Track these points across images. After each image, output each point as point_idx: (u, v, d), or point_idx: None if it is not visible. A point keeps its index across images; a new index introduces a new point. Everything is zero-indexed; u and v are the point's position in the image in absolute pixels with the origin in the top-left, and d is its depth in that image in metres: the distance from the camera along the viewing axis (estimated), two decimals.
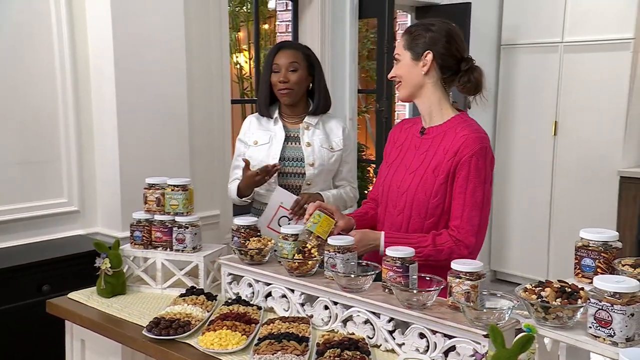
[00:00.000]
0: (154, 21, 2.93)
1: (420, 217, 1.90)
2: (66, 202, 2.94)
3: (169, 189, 2.09)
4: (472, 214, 1.83)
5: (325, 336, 1.64)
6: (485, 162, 1.84)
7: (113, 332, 1.81)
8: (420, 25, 1.94)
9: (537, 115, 4.72)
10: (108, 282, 2.03)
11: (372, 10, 4.03)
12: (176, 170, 2.90)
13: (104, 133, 2.94)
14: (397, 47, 1.95)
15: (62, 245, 2.82)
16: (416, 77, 1.92)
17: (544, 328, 1.26)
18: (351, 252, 1.76)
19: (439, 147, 1.90)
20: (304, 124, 2.46)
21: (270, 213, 2.32)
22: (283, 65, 2.39)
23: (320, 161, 2.42)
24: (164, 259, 2.08)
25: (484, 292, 1.50)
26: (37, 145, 2.86)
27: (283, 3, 4.35)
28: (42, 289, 2.53)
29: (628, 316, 1.14)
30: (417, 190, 1.90)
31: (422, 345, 1.53)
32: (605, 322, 1.16)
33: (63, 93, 2.89)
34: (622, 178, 4.33)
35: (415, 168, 1.94)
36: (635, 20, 4.24)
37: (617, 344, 1.15)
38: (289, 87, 2.39)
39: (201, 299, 1.90)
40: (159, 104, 2.98)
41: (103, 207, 3.01)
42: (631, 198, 4.28)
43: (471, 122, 1.92)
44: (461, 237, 1.84)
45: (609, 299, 1.16)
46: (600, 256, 1.35)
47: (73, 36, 2.89)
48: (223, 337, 1.63)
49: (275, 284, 1.86)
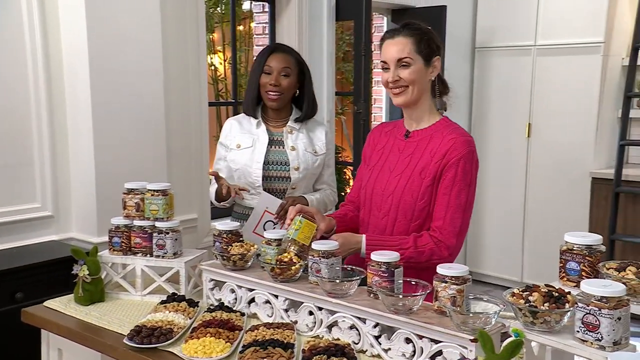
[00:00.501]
0: (130, 20, 2.88)
1: (406, 219, 1.90)
2: (40, 207, 2.87)
3: (149, 194, 2.05)
4: (455, 215, 1.85)
5: (310, 342, 1.62)
6: (471, 166, 1.86)
7: (92, 340, 1.77)
8: (417, 27, 1.92)
9: (511, 118, 4.78)
10: (86, 289, 1.98)
11: (349, 13, 4.03)
12: (153, 174, 2.86)
13: (78, 135, 2.88)
14: (404, 50, 1.88)
15: (35, 251, 2.75)
16: (425, 83, 1.93)
17: (532, 332, 1.27)
18: (335, 257, 1.75)
19: (425, 149, 1.91)
20: (288, 128, 2.45)
21: (256, 218, 2.30)
22: (275, 69, 2.36)
23: (305, 165, 2.41)
24: (144, 265, 2.04)
25: (469, 296, 1.50)
26: (9, 148, 2.78)
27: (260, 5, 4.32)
28: (15, 296, 2.47)
29: (615, 320, 1.15)
30: (403, 192, 1.90)
31: (409, 350, 1.53)
32: (593, 326, 1.17)
33: (36, 94, 2.82)
34: (594, 179, 4.41)
35: (400, 171, 1.94)
36: (605, 24, 4.32)
37: (605, 348, 1.16)
38: (280, 91, 2.37)
39: (183, 305, 1.87)
40: (135, 105, 2.93)
41: (78, 212, 2.95)
42: (603, 199, 4.36)
43: (456, 126, 1.94)
44: (443, 237, 1.85)
45: (596, 303, 1.17)
46: (585, 260, 1.36)
47: (46, 35, 2.82)
48: (207, 345, 1.60)
49: (258, 290, 1.84)
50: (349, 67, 6.21)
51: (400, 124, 2.05)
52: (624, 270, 1.30)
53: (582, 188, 4.45)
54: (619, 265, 1.33)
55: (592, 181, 4.41)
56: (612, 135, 4.53)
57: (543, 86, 4.63)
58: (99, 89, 2.80)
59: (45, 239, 2.88)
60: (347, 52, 6.28)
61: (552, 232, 4.60)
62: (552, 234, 4.60)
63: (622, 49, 4.51)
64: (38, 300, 2.16)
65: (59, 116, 2.90)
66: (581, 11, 4.41)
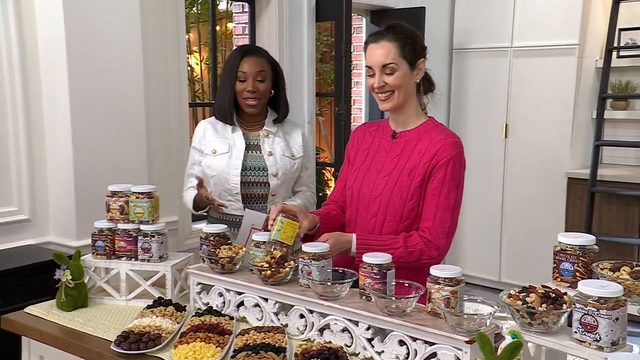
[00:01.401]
0: (109, 19, 2.83)
1: (395, 220, 1.90)
2: (16, 210, 2.80)
3: (134, 197, 2.01)
4: (445, 216, 1.85)
5: (302, 346, 1.60)
6: (460, 167, 1.87)
7: (77, 347, 1.73)
8: (401, 31, 1.89)
9: (488, 118, 4.82)
10: (69, 294, 1.93)
11: (329, 14, 4.02)
12: (134, 175, 2.81)
13: (56, 136, 2.81)
14: (388, 55, 1.85)
15: (12, 256, 2.68)
16: (411, 86, 1.92)
17: (529, 334, 1.27)
18: (326, 260, 1.74)
19: (414, 150, 1.91)
20: (264, 132, 2.37)
21: (244, 237, 2.22)
22: (250, 74, 2.28)
23: (283, 170, 2.35)
24: (129, 269, 2.00)
25: (463, 298, 1.50)
26: None
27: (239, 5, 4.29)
28: None
29: (613, 320, 1.16)
30: (392, 193, 1.90)
31: (402, 352, 1.52)
32: (591, 327, 1.17)
33: (11, 94, 2.75)
34: (570, 179, 4.47)
35: (388, 172, 1.93)
36: (580, 27, 4.39)
37: (603, 349, 1.17)
38: (258, 96, 2.30)
39: (170, 310, 1.84)
40: (115, 105, 2.88)
41: (56, 215, 2.88)
42: (578, 198, 4.42)
43: (443, 127, 1.95)
44: (432, 238, 1.85)
45: (594, 303, 1.17)
46: (579, 260, 1.36)
47: (22, 33, 2.76)
48: (197, 350, 1.57)
49: (248, 293, 1.81)
50: (327, 68, 6.20)
51: (385, 124, 2.04)
52: (618, 270, 1.31)
53: (559, 188, 4.51)
54: (613, 266, 1.34)
55: (568, 181, 4.47)
56: (587, 135, 4.61)
57: (520, 87, 4.68)
58: (78, 89, 2.74)
59: (22, 243, 2.82)
60: (324, 53, 6.27)
61: (530, 231, 4.66)
62: (529, 234, 4.66)
63: (595, 51, 4.59)
64: (16, 307, 2.11)
65: (35, 116, 2.83)
66: (556, 13, 4.47)
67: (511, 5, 4.65)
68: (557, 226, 4.49)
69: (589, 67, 4.55)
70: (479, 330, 1.39)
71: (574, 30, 4.41)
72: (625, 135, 4.58)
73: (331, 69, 6.04)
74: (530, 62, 4.63)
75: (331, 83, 6.13)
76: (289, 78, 3.88)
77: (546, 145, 4.57)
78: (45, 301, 2.04)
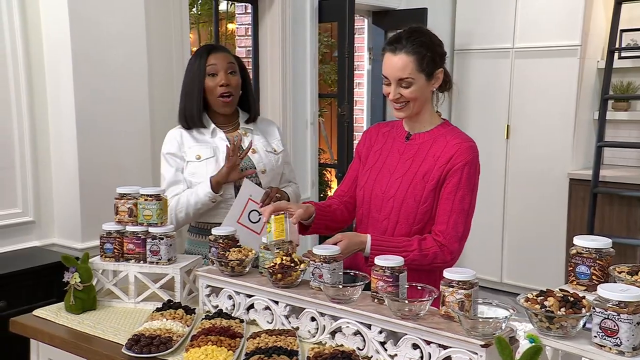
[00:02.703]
0: (114, 22, 2.81)
1: (408, 222, 1.89)
2: (21, 212, 2.78)
3: (142, 199, 1.99)
4: (458, 220, 1.84)
5: (314, 349, 1.59)
6: (475, 171, 1.86)
7: (87, 350, 1.71)
8: (423, 44, 1.84)
9: (490, 119, 4.82)
10: (78, 297, 1.91)
11: (332, 15, 4.01)
12: (138, 178, 2.79)
13: (61, 139, 2.79)
14: (405, 70, 1.82)
15: (17, 258, 2.66)
16: (426, 95, 1.91)
17: (547, 338, 1.26)
18: (337, 262, 1.73)
19: (428, 153, 1.89)
20: (242, 130, 2.30)
21: (239, 207, 2.16)
22: (221, 67, 2.17)
23: (270, 166, 2.30)
24: (137, 272, 1.98)
25: (477, 301, 1.49)
26: None
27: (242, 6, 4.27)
28: None
29: (635, 325, 1.15)
30: (405, 196, 1.88)
31: (416, 356, 1.51)
32: (611, 332, 1.16)
33: (17, 97, 2.73)
34: (572, 180, 4.47)
35: (401, 174, 1.92)
36: (582, 28, 4.39)
37: (624, 353, 1.16)
38: (231, 91, 2.19)
39: (180, 312, 1.82)
40: (119, 107, 2.86)
41: (60, 217, 2.86)
42: (580, 199, 4.42)
43: (458, 131, 1.94)
44: (446, 242, 1.84)
45: (614, 307, 1.16)
46: (596, 263, 1.35)
47: (27, 36, 2.74)
48: (210, 354, 1.56)
49: (258, 296, 1.80)
50: (327, 69, 6.18)
51: (399, 125, 2.02)
52: (636, 274, 1.30)
53: (560, 189, 4.51)
54: (630, 269, 1.33)
55: (570, 182, 4.48)
56: (589, 136, 4.61)
57: (521, 88, 4.68)
58: (83, 90, 2.72)
59: (26, 245, 2.80)
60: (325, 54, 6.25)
61: (531, 232, 4.66)
62: (531, 235, 4.66)
63: (597, 52, 4.59)
64: (21, 309, 2.10)
65: (40, 118, 2.81)
66: (558, 15, 4.47)
67: (513, 6, 4.65)
68: (559, 227, 4.49)
69: (591, 68, 4.55)
70: (494, 334, 1.38)
71: (575, 32, 4.41)
72: (626, 137, 4.59)
73: (331, 70, 6.02)
74: (532, 63, 4.63)
75: (331, 84, 6.11)
76: (292, 79, 3.87)
77: (548, 146, 4.57)
78: (50, 304, 2.02)
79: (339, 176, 4.16)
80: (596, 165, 4.24)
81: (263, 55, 3.90)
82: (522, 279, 4.66)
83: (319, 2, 4.02)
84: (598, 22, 4.53)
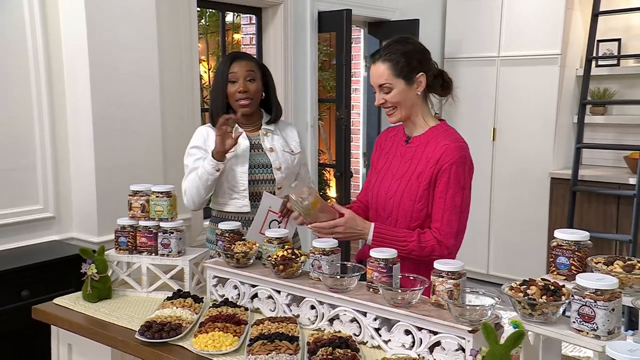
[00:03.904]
0: (128, 29, 2.81)
1: (406, 220, 1.89)
2: (42, 209, 2.78)
3: (154, 196, 1.99)
4: (452, 217, 1.83)
5: (314, 335, 1.59)
6: (464, 170, 1.84)
7: (103, 336, 1.71)
8: (397, 51, 1.85)
9: (477, 122, 4.82)
10: (94, 286, 1.92)
11: (331, 25, 4.00)
12: (150, 177, 2.78)
13: (79, 140, 2.79)
14: (382, 77, 1.85)
15: (38, 251, 2.66)
16: (411, 99, 1.89)
17: (530, 324, 1.26)
18: (335, 254, 1.73)
19: (422, 155, 1.89)
20: (263, 131, 2.33)
21: (261, 219, 2.20)
22: (241, 75, 2.22)
23: (286, 165, 2.32)
24: (149, 264, 1.99)
25: (465, 290, 1.49)
26: (12, 152, 2.69)
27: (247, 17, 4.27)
28: (21, 294, 2.38)
29: (610, 311, 1.15)
30: (402, 195, 1.89)
31: (408, 341, 1.51)
32: (588, 317, 1.17)
33: (38, 101, 2.73)
34: (553, 179, 4.47)
35: (401, 175, 1.92)
36: (562, 38, 4.39)
37: (600, 337, 1.16)
38: (249, 96, 2.24)
39: (189, 301, 1.82)
40: (133, 111, 2.85)
41: (78, 213, 2.86)
42: (561, 197, 4.42)
43: (452, 132, 1.92)
44: (442, 238, 1.83)
45: (591, 295, 1.17)
46: (574, 255, 1.36)
47: (47, 43, 2.74)
48: (216, 339, 1.56)
49: (261, 286, 1.80)
50: (326, 76, 6.18)
51: (401, 129, 2.02)
52: (611, 264, 1.31)
53: (542, 187, 4.51)
54: (606, 260, 1.33)
55: (551, 181, 4.47)
56: (569, 138, 4.61)
57: (506, 94, 4.68)
58: (99, 96, 2.72)
59: (47, 239, 2.79)
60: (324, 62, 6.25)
61: (516, 228, 4.66)
62: (515, 230, 4.66)
63: (576, 61, 4.59)
64: (43, 298, 2.10)
65: (60, 122, 2.81)
66: (540, 26, 4.47)
67: (498, 18, 4.65)
68: (541, 223, 4.49)
69: (570, 75, 4.55)
70: (480, 320, 1.38)
71: (556, 41, 4.41)
72: (603, 139, 4.59)
73: (330, 77, 6.02)
74: (516, 71, 4.63)
75: (330, 90, 6.11)
76: (293, 85, 3.87)
77: (531, 147, 4.57)
78: (69, 293, 2.02)
79: (337, 175, 4.15)
80: (575, 166, 4.24)
81: (266, 62, 3.89)
82: (507, 270, 4.66)
83: (319, 13, 4.01)
84: (577, 33, 4.53)
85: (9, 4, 2.63)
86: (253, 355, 1.47)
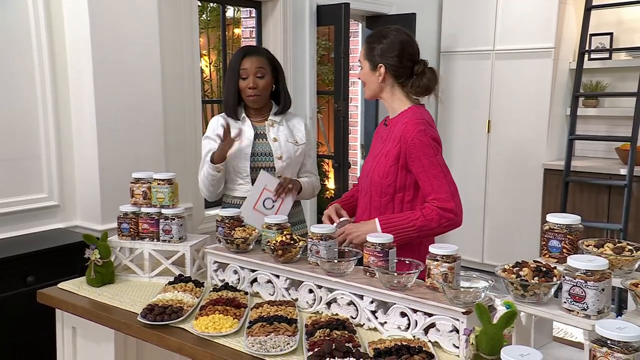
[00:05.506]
0: (131, 23, 2.80)
1: (377, 195, 1.95)
2: (46, 197, 2.78)
3: (155, 183, 1.99)
4: (440, 183, 1.86)
5: (312, 317, 1.59)
6: (427, 139, 1.86)
7: (107, 319, 1.72)
8: (375, 36, 1.97)
9: (473, 115, 4.81)
10: (98, 271, 1.92)
11: (329, 19, 3.99)
12: (152, 166, 2.78)
13: (82, 130, 2.79)
14: (360, 54, 1.99)
15: (43, 238, 2.66)
16: (374, 84, 1.98)
17: (522, 304, 1.26)
18: (332, 239, 1.73)
19: (390, 135, 1.96)
20: (269, 121, 2.38)
21: (255, 195, 2.23)
22: (251, 72, 2.28)
23: (288, 154, 2.35)
24: (151, 249, 1.98)
25: (459, 273, 1.49)
26: (17, 142, 2.68)
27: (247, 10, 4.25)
28: (26, 280, 2.38)
29: (599, 291, 1.15)
30: (374, 172, 1.96)
31: (404, 323, 1.51)
32: (579, 297, 1.17)
33: (42, 92, 2.72)
34: (546, 170, 4.46)
35: (375, 154, 2.00)
36: (555, 32, 4.37)
37: (590, 317, 1.16)
38: (258, 93, 2.30)
39: (190, 285, 1.82)
40: (135, 102, 2.85)
41: (82, 202, 2.86)
42: (554, 187, 4.42)
43: (418, 112, 1.93)
44: (441, 205, 1.85)
45: (582, 276, 1.17)
46: (566, 238, 1.36)
47: (51, 35, 2.72)
48: (217, 321, 1.56)
49: (261, 271, 1.80)
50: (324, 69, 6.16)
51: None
52: (602, 246, 1.31)
53: (536, 178, 4.51)
54: (597, 242, 1.33)
55: (544, 172, 4.47)
56: (562, 130, 4.60)
57: (501, 87, 4.67)
58: (102, 88, 2.71)
59: (51, 227, 2.79)
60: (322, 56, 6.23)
61: (510, 217, 4.66)
62: (509, 220, 4.66)
63: (569, 54, 4.58)
64: (48, 283, 2.10)
65: (64, 113, 2.80)
66: (534, 20, 4.45)
67: (493, 12, 4.63)
68: (534, 213, 4.49)
69: (563, 68, 4.54)
70: (474, 302, 1.38)
71: (549, 35, 4.39)
72: (595, 130, 4.58)
73: (328, 70, 6.00)
74: (510, 64, 4.61)
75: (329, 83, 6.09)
76: (292, 78, 3.86)
77: (525, 139, 4.56)
78: (74, 278, 2.02)
79: (335, 166, 4.15)
80: (568, 157, 4.23)
81: None
82: (501, 259, 4.65)
83: (317, 8, 3.99)
84: (570, 27, 4.52)
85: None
86: (252, 336, 1.47)
